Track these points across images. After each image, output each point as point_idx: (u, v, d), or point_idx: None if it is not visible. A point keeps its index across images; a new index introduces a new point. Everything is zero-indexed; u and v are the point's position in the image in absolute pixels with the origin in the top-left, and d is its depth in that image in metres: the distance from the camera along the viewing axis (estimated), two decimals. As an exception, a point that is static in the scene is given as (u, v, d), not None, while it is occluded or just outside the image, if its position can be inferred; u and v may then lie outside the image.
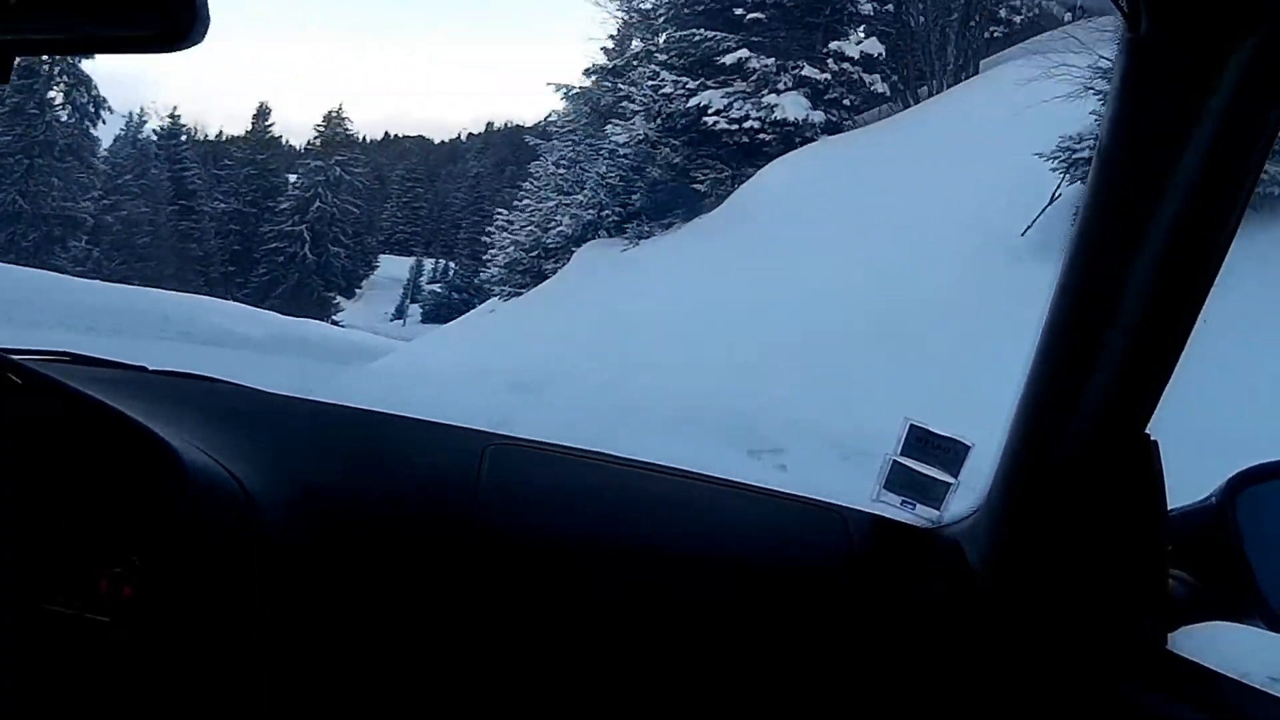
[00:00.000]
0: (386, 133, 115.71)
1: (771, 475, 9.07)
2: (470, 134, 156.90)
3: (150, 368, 2.25)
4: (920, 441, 2.02)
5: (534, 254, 37.97)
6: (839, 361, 12.84)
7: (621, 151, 33.65)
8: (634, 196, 32.76)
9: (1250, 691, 1.48)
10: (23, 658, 1.43)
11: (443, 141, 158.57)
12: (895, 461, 2.02)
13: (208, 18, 1.11)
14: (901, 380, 11.03)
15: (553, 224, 38.06)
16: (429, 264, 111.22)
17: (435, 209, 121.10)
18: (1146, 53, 1.24)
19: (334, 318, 72.84)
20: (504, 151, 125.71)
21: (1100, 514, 1.61)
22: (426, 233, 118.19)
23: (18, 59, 1.20)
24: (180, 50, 1.13)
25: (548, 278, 33.14)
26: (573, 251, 32.66)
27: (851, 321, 13.96)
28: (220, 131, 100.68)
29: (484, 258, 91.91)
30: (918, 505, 2.03)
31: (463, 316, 45.90)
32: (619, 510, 2.07)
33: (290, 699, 1.69)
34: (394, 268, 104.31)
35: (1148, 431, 1.57)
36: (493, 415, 8.22)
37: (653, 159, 31.88)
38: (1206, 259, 1.36)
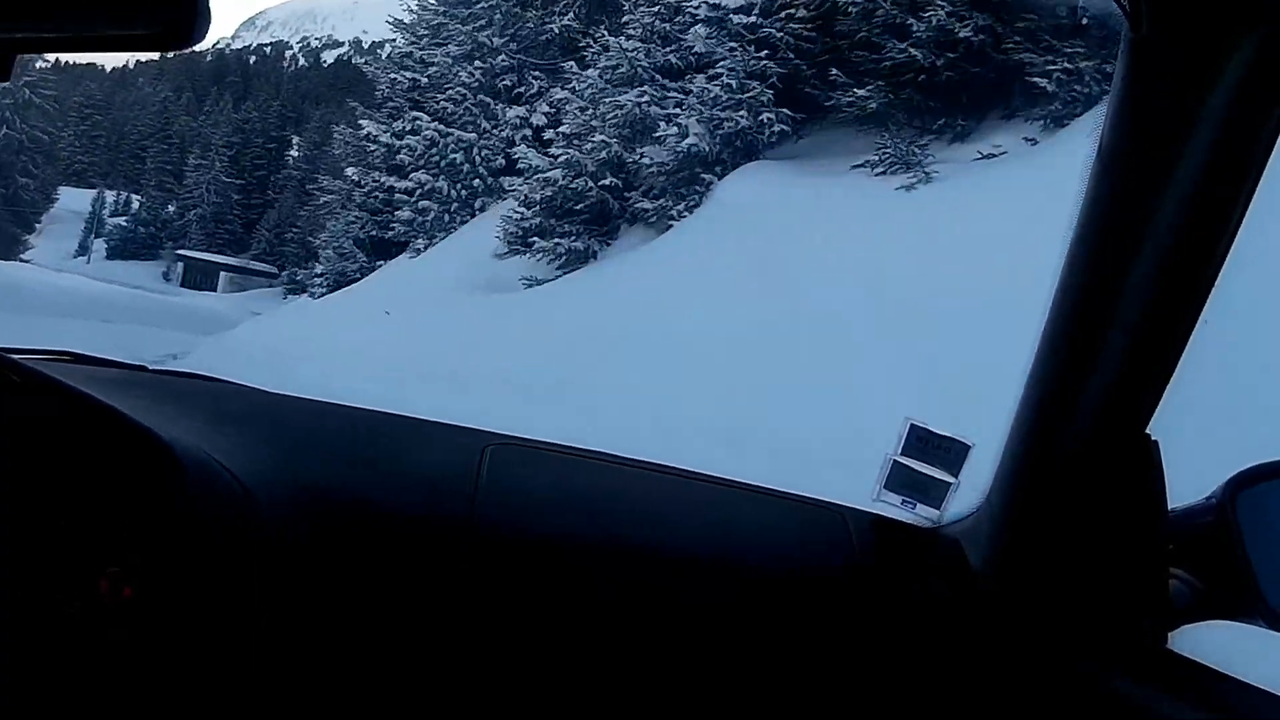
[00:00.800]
0: (57, 59, 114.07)
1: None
2: (139, 61, 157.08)
3: (150, 367, 2.28)
4: (921, 441, 2.03)
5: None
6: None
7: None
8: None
9: (1251, 691, 1.48)
10: (23, 658, 1.43)
11: (114, 68, 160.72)
12: (895, 461, 2.03)
13: (209, 16, 1.11)
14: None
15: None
16: (110, 196, 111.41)
17: (114, 138, 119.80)
18: (1147, 52, 1.25)
19: (22, 256, 69.61)
20: (180, 79, 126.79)
21: (1101, 513, 1.61)
22: (105, 163, 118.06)
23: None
24: (182, 48, 1.14)
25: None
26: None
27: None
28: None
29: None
30: (918, 505, 2.04)
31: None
32: (619, 510, 2.07)
33: (290, 699, 1.70)
34: (74, 200, 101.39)
35: (1148, 431, 1.57)
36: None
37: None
38: (1207, 259, 1.36)
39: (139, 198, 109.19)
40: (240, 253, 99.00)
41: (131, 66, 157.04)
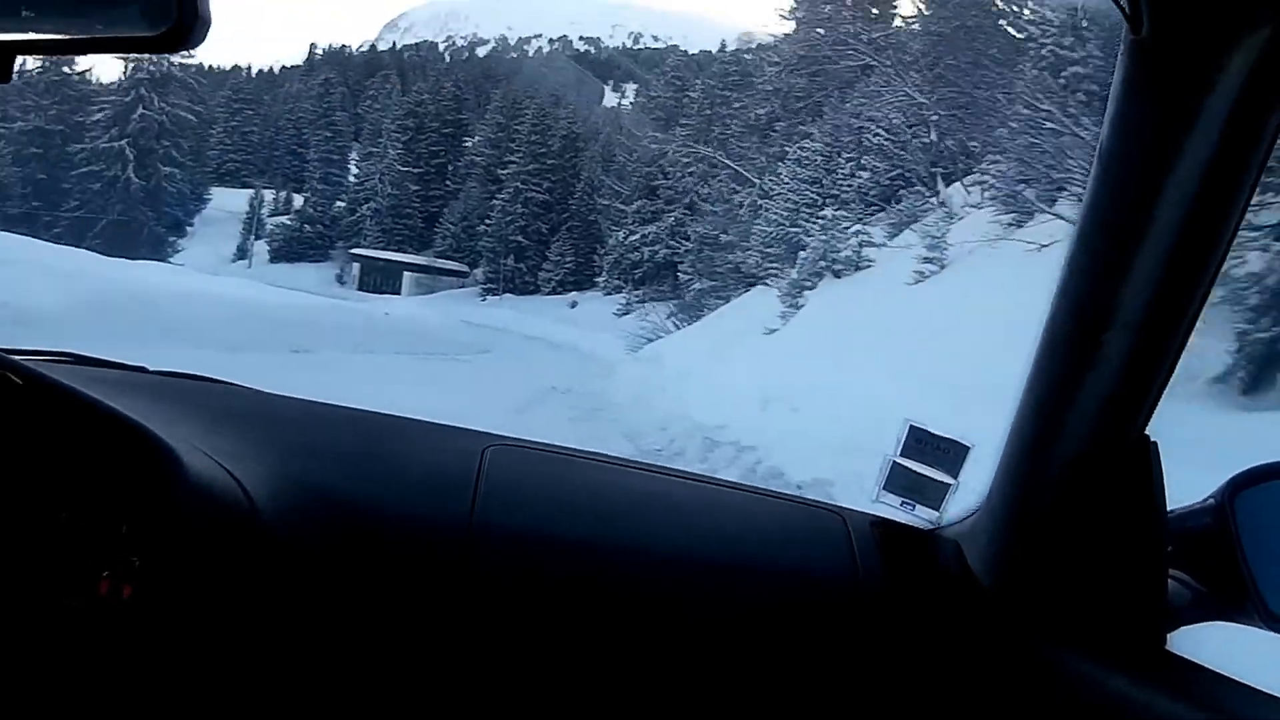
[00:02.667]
0: (200, 63, 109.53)
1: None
2: (284, 66, 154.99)
3: (151, 368, 2.26)
4: (920, 443, 2.08)
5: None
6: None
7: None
8: None
9: (1250, 692, 1.47)
10: (22, 658, 1.43)
11: (260, 71, 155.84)
12: (895, 462, 2.09)
13: (209, 18, 1.12)
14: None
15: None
16: (269, 195, 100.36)
17: (269, 133, 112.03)
18: (1147, 54, 1.27)
19: (173, 259, 61.10)
20: (332, 74, 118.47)
21: (1100, 515, 1.63)
22: (262, 161, 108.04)
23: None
24: (182, 50, 1.14)
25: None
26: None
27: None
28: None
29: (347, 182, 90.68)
30: (917, 506, 2.08)
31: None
32: (619, 511, 2.08)
33: (290, 700, 1.70)
34: (228, 200, 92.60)
35: (1147, 432, 1.59)
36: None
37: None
38: (1207, 259, 1.38)
39: (302, 195, 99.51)
40: (422, 250, 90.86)
41: (277, 71, 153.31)
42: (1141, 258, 1.38)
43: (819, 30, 48.15)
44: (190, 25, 1.09)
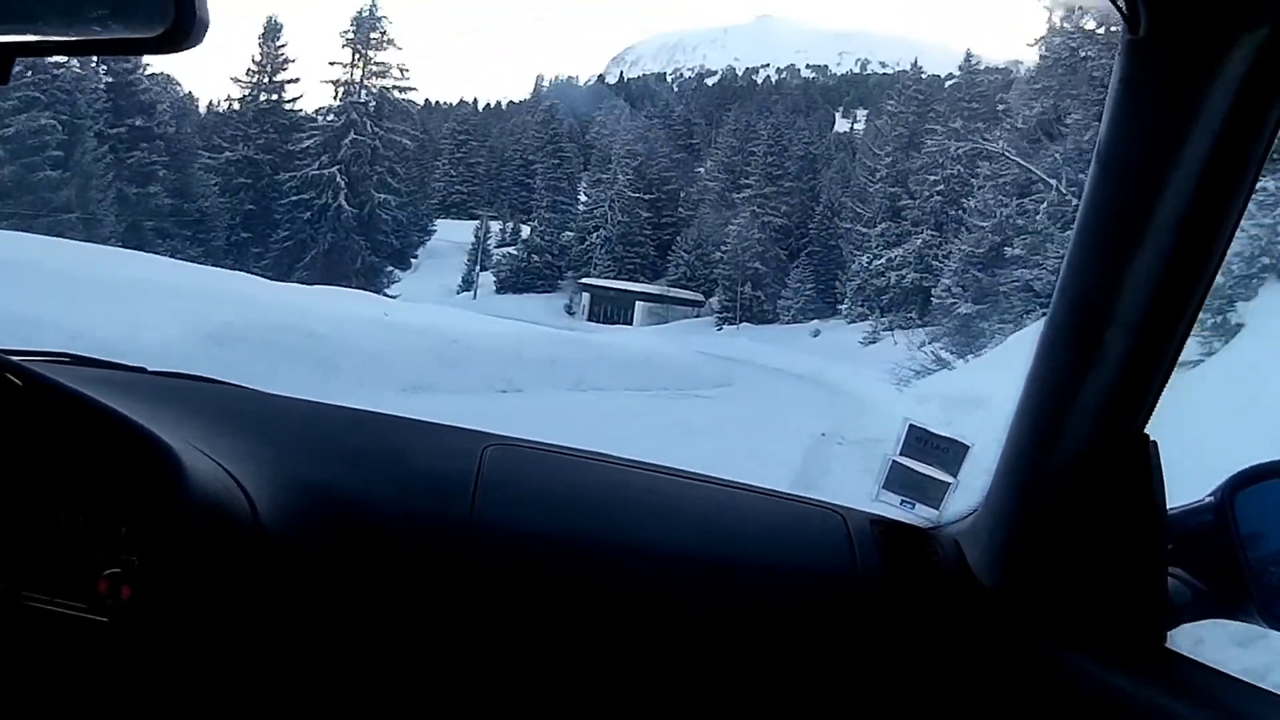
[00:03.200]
0: (426, 99, 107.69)
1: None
2: (511, 102, 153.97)
3: (150, 369, 2.27)
4: (920, 442, 2.10)
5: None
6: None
7: None
8: None
9: (1250, 690, 1.49)
10: (22, 657, 1.45)
11: (486, 105, 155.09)
12: (895, 461, 2.10)
13: (207, 19, 1.13)
14: None
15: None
16: (496, 226, 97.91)
17: (494, 165, 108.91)
18: (1145, 53, 1.29)
19: (387, 291, 56.21)
20: (560, 107, 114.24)
21: (1100, 513, 1.63)
22: (488, 192, 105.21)
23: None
24: (180, 51, 1.15)
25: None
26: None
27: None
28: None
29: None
30: (917, 505, 2.10)
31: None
32: (618, 510, 2.09)
33: (289, 699, 1.71)
34: (453, 232, 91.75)
35: (1147, 431, 1.60)
36: None
37: None
38: (1206, 259, 1.39)
39: (529, 225, 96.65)
40: (654, 279, 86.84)
41: (504, 105, 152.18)
42: (1140, 257, 1.38)
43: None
44: (188, 26, 1.11)
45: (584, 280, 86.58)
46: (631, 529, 2.04)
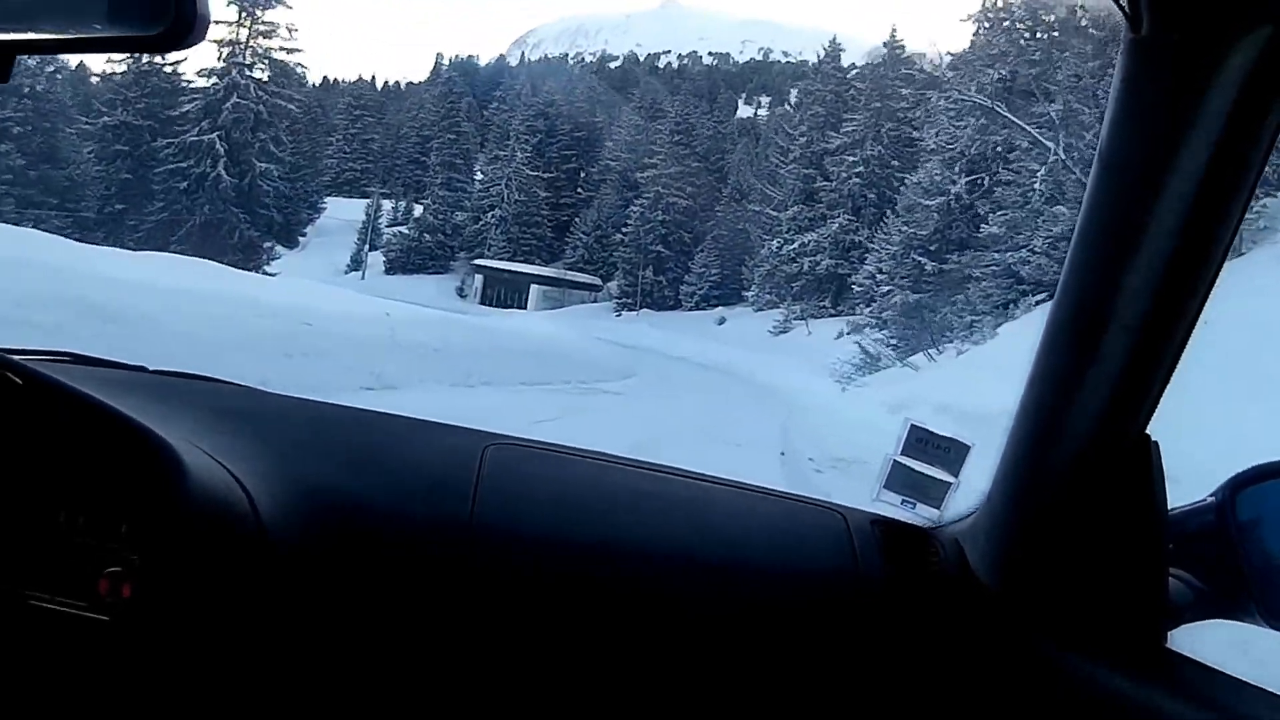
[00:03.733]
0: (324, 76, 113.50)
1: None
2: (411, 82, 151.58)
3: (150, 368, 2.28)
4: (920, 441, 2.09)
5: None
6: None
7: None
8: None
9: (1250, 690, 1.49)
10: (22, 657, 1.46)
11: (385, 84, 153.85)
12: (895, 461, 2.09)
13: (208, 17, 1.14)
14: None
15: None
16: (389, 204, 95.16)
17: (390, 142, 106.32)
18: (1147, 53, 1.29)
19: (267, 269, 53.25)
20: (459, 85, 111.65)
21: (1101, 513, 1.64)
22: (383, 171, 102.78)
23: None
24: (181, 49, 1.16)
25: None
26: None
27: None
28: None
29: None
30: (918, 504, 2.09)
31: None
32: (618, 510, 2.09)
33: (289, 699, 1.72)
34: (346, 210, 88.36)
35: (1148, 431, 1.60)
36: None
37: None
38: (1207, 259, 1.39)
39: (424, 203, 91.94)
40: (551, 261, 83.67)
41: (404, 86, 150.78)
42: (1141, 257, 1.39)
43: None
44: (189, 24, 1.11)
45: (477, 261, 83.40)
46: (632, 528, 2.03)
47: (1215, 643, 1.64)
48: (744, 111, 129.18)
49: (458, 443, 2.13)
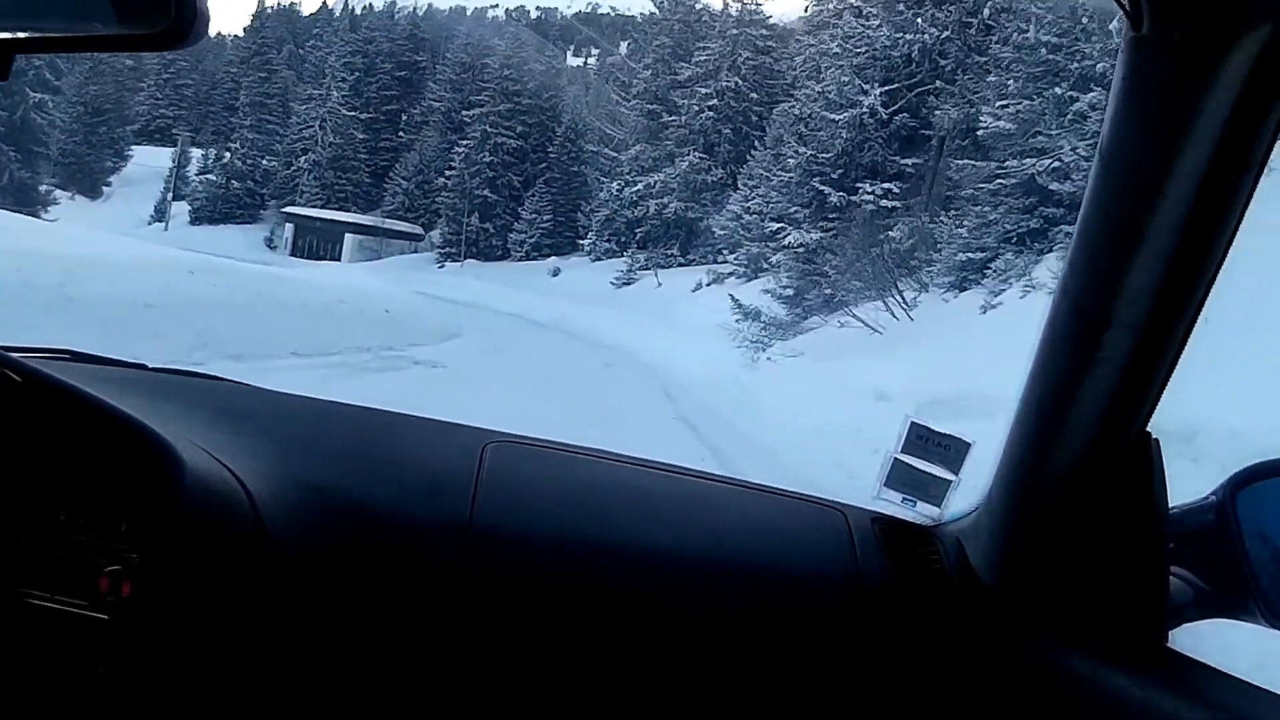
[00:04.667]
0: None
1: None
2: (223, 33, 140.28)
3: (150, 366, 2.29)
4: (921, 439, 2.12)
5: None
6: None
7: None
8: None
9: (1251, 689, 1.49)
10: (22, 656, 1.46)
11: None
12: (896, 459, 2.13)
13: (208, 16, 1.14)
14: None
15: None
16: (198, 153, 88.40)
17: (205, 89, 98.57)
18: (1148, 50, 1.29)
19: (45, 215, 47.12)
20: (282, 34, 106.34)
21: (1101, 512, 1.64)
22: (196, 118, 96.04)
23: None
24: (181, 48, 1.16)
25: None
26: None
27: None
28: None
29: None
30: (918, 503, 2.12)
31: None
32: (618, 508, 2.10)
33: (289, 698, 1.72)
34: (156, 159, 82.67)
35: (1149, 430, 1.60)
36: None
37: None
38: (1208, 258, 1.39)
39: (231, 147, 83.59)
40: (370, 209, 76.36)
41: (228, 40, 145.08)
42: (1142, 256, 1.39)
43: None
44: (189, 22, 1.11)
45: (288, 209, 76.15)
46: (632, 526, 2.03)
47: (1215, 643, 1.64)
48: (573, 61, 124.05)
49: (458, 440, 2.13)
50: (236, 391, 2.27)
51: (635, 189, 52.82)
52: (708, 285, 41.08)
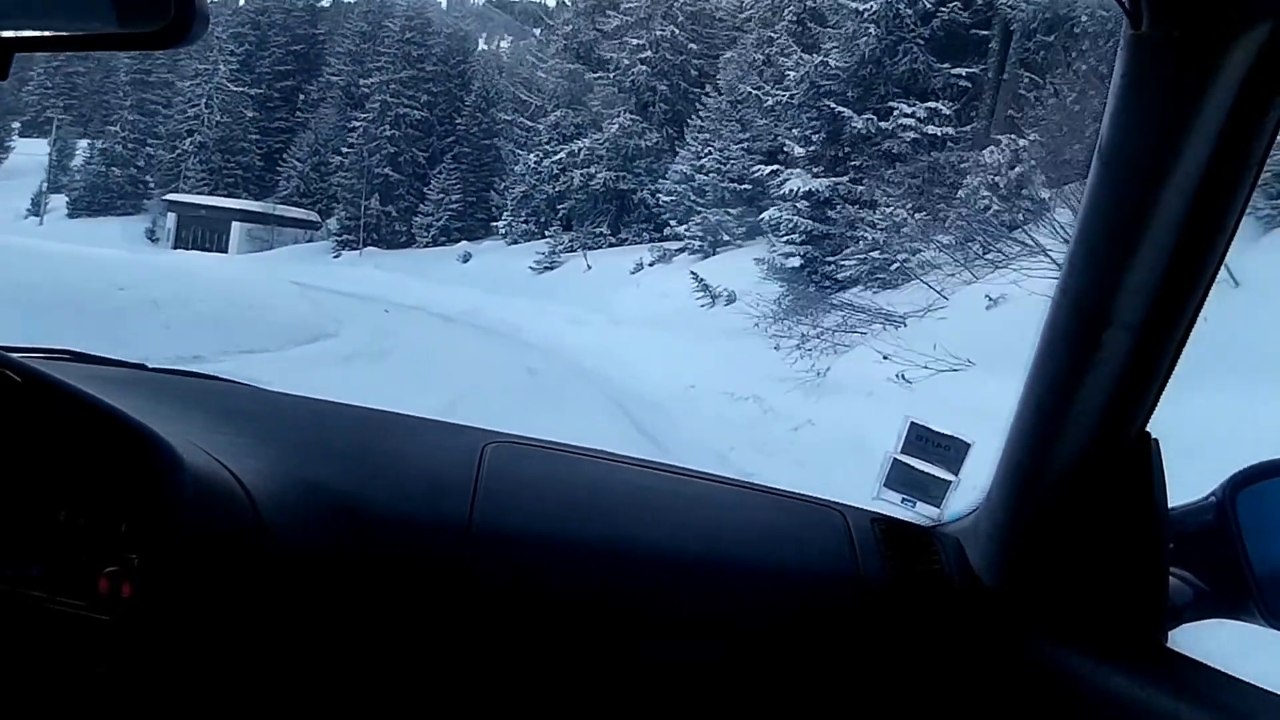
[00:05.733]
0: None
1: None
2: None
3: (150, 366, 2.31)
4: (921, 439, 2.11)
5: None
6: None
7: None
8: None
9: (1250, 690, 1.49)
10: (21, 657, 1.47)
11: None
12: (896, 459, 2.11)
13: (207, 15, 1.15)
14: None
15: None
16: (85, 143, 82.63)
17: (100, 78, 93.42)
18: (1148, 49, 1.29)
19: None
20: None
21: (1101, 512, 1.65)
22: (90, 108, 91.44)
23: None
24: (180, 46, 1.16)
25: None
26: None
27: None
28: None
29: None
30: (918, 503, 2.11)
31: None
32: (618, 509, 2.10)
33: (289, 698, 1.72)
34: (42, 150, 79.81)
35: (1148, 430, 1.61)
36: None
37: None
38: (1207, 257, 1.39)
39: (111, 129, 77.28)
40: (264, 196, 70.47)
41: None
42: (1141, 255, 1.39)
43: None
44: (188, 21, 1.12)
45: (170, 196, 69.83)
46: (632, 526, 2.03)
47: (1215, 643, 1.64)
48: (484, 47, 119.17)
49: (458, 441, 2.14)
50: (237, 392, 2.28)
51: (556, 159, 46.40)
52: (650, 265, 35.56)
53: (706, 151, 35.60)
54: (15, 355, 1.61)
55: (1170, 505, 1.61)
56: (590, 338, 23.99)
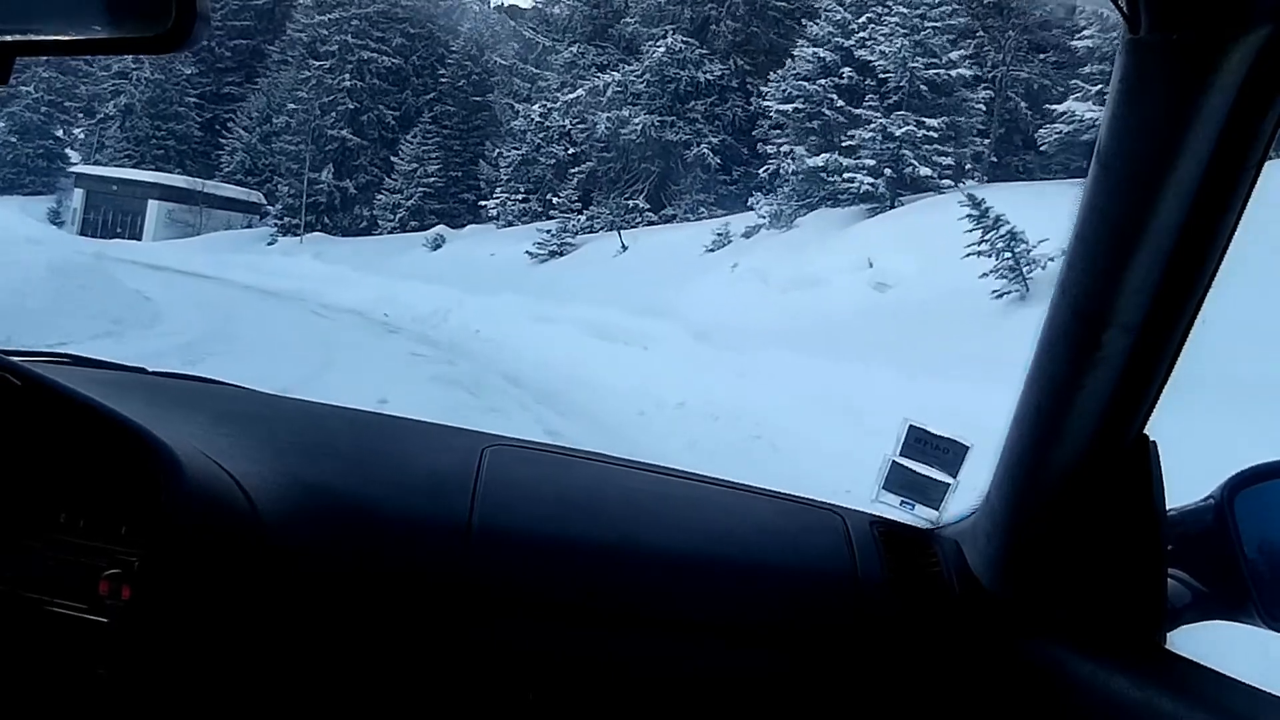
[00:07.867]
0: None
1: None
2: None
3: (149, 369, 2.32)
4: (919, 442, 2.11)
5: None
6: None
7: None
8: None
9: (1250, 691, 1.51)
10: (22, 658, 1.48)
11: None
12: (894, 462, 2.12)
13: (209, 17, 1.15)
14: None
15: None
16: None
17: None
18: (1146, 53, 1.30)
19: None
20: None
21: (1100, 514, 1.66)
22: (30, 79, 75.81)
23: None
24: (181, 50, 1.17)
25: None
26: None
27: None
28: None
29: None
30: (917, 505, 2.12)
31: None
32: (617, 511, 2.11)
33: (289, 700, 1.74)
34: None
35: (1146, 432, 1.63)
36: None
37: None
38: (1206, 259, 1.41)
39: (24, 89, 59.44)
40: (208, 173, 57.63)
41: None
42: (1140, 257, 1.40)
43: None
44: (189, 24, 1.12)
45: (78, 169, 57.51)
46: (630, 530, 2.04)
47: (1214, 644, 1.65)
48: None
49: (457, 444, 2.15)
50: (236, 395, 2.29)
51: (571, 106, 33.75)
52: (745, 237, 24.07)
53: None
54: (15, 359, 1.62)
55: (1169, 507, 1.62)
56: (659, 374, 12.96)
